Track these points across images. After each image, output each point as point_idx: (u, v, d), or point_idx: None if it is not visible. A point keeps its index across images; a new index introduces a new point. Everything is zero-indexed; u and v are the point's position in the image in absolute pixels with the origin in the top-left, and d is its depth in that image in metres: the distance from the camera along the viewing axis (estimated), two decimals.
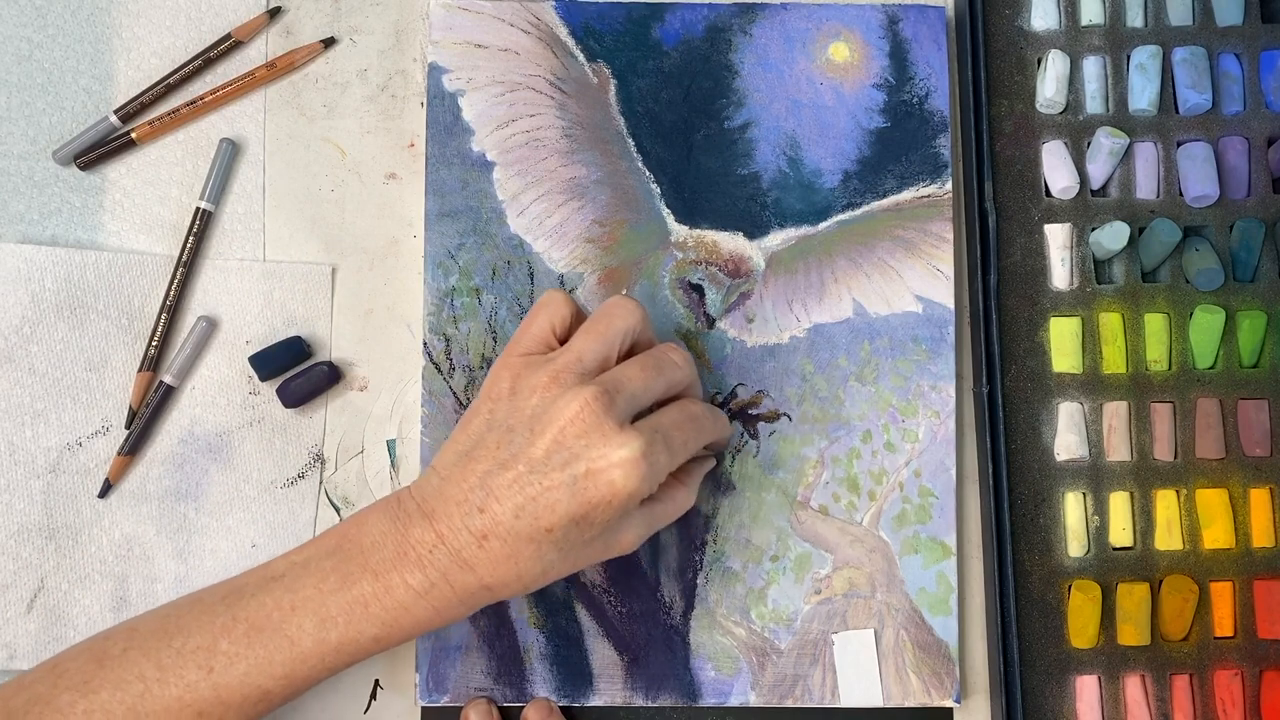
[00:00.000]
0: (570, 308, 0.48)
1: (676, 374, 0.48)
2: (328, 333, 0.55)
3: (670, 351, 0.48)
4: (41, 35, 0.56)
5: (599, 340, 0.46)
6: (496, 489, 0.44)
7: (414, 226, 0.56)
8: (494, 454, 0.45)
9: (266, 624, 0.44)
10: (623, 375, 0.46)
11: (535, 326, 0.48)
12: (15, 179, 0.56)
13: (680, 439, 0.47)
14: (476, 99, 0.55)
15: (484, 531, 0.44)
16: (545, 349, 0.47)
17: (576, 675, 0.53)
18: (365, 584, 0.44)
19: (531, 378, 0.46)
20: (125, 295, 0.55)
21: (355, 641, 0.45)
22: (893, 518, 0.54)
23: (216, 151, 0.56)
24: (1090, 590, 0.52)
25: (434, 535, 0.44)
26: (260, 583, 0.46)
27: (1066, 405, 0.54)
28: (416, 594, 0.44)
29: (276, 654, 0.44)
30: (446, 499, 0.45)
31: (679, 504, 0.49)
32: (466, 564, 0.44)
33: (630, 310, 0.47)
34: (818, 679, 0.53)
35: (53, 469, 0.54)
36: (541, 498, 0.44)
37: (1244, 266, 0.55)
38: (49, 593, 0.53)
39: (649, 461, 0.44)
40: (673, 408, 0.48)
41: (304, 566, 0.45)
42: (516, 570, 0.45)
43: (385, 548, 0.45)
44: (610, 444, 0.44)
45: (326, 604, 0.44)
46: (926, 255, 0.55)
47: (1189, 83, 0.55)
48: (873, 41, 0.56)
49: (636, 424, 0.45)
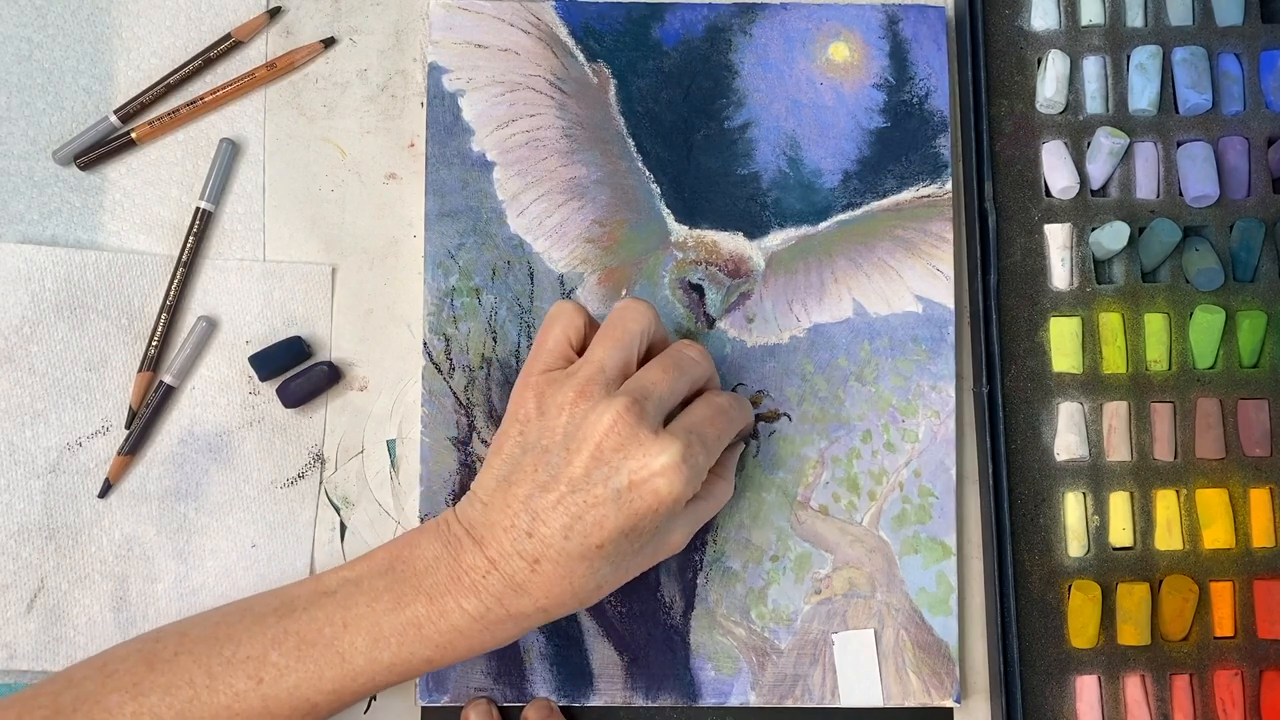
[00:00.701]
0: (583, 316, 0.48)
1: (697, 370, 0.48)
2: (328, 333, 0.55)
3: (687, 348, 0.48)
4: (41, 35, 0.56)
5: (618, 346, 0.46)
6: (542, 511, 0.44)
7: (414, 226, 0.56)
8: (533, 476, 0.44)
9: (319, 639, 0.44)
10: (648, 380, 0.46)
11: (551, 340, 0.47)
12: (15, 179, 0.56)
13: (714, 434, 0.46)
14: (476, 99, 0.55)
15: (535, 555, 0.44)
16: (564, 362, 0.47)
17: (576, 675, 0.53)
18: (420, 606, 0.44)
19: (557, 394, 0.45)
20: (125, 295, 0.55)
21: (407, 662, 0.45)
22: (893, 518, 0.54)
23: (216, 151, 0.56)
24: (1090, 590, 0.52)
25: (485, 561, 0.44)
26: (312, 596, 0.45)
27: (1066, 405, 0.54)
28: (471, 618, 0.44)
29: (327, 669, 0.44)
30: (493, 525, 0.44)
31: (719, 496, 0.49)
32: (521, 588, 0.44)
33: (642, 311, 0.47)
34: (818, 679, 0.53)
35: (53, 469, 0.54)
36: (588, 515, 0.43)
37: (1244, 266, 0.55)
38: (49, 593, 0.53)
39: (689, 464, 0.44)
40: (700, 404, 0.48)
41: (356, 584, 0.45)
42: (571, 589, 0.44)
43: (439, 571, 0.45)
44: (649, 453, 0.44)
45: (380, 624, 0.44)
46: (926, 255, 0.55)
47: (1189, 83, 0.55)
48: (873, 41, 0.56)
49: (670, 428, 0.45)
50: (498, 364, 0.54)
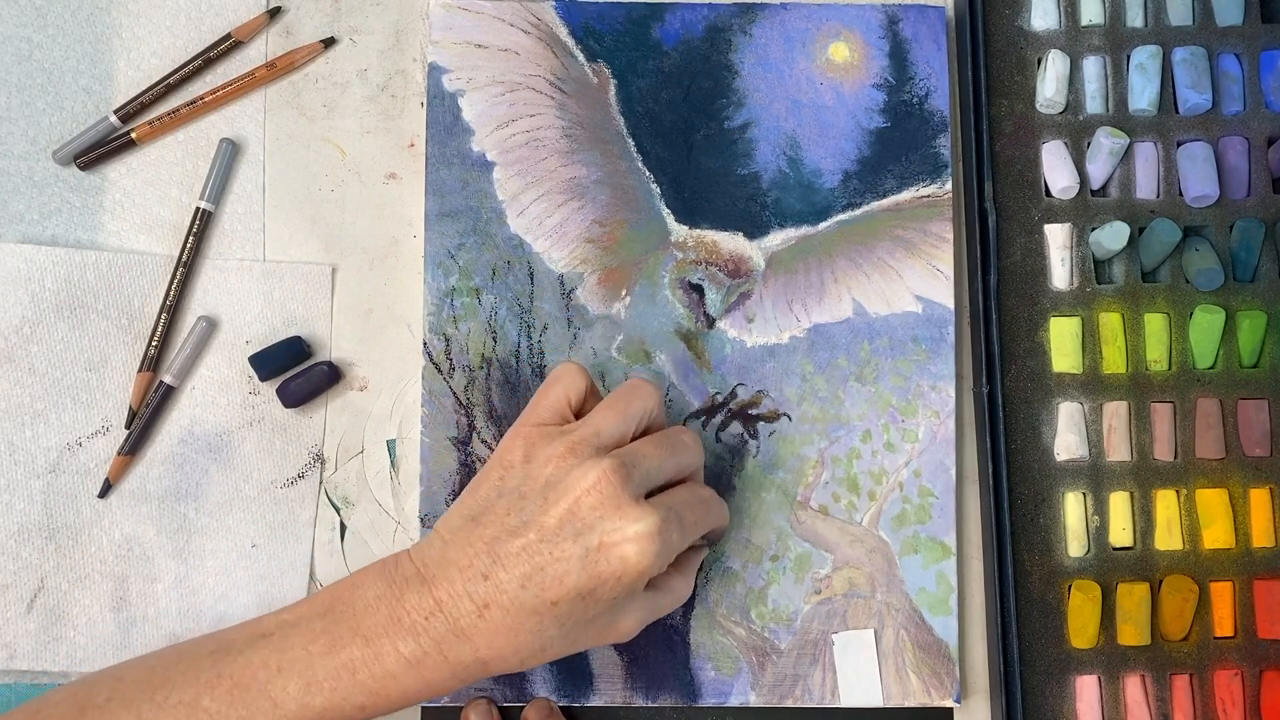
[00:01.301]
0: (585, 380, 0.48)
1: (688, 455, 0.48)
2: (328, 333, 0.55)
3: (682, 434, 0.48)
4: (41, 35, 0.56)
5: (618, 417, 0.46)
6: (504, 556, 0.43)
7: (414, 226, 0.56)
8: (503, 520, 0.44)
9: (252, 683, 0.43)
10: (639, 451, 0.46)
11: (550, 398, 0.47)
12: (15, 179, 0.56)
13: (692, 519, 0.46)
14: (476, 99, 0.55)
15: (486, 600, 0.43)
16: (560, 420, 0.47)
17: (576, 675, 0.53)
18: (355, 649, 0.43)
19: (547, 447, 0.45)
20: (125, 295, 0.55)
21: (339, 709, 0.43)
22: (893, 518, 0.54)
23: (216, 151, 0.56)
24: (1090, 590, 0.52)
25: (432, 601, 0.43)
26: (248, 639, 0.44)
27: (1066, 405, 0.54)
28: (407, 663, 0.43)
29: (259, 715, 0.43)
30: (449, 564, 0.44)
31: (678, 594, 0.48)
32: (464, 634, 0.43)
33: (650, 393, 0.47)
34: (818, 679, 0.53)
35: (53, 469, 0.54)
36: (550, 568, 0.43)
37: (1244, 266, 0.55)
38: (49, 593, 0.53)
39: (663, 538, 0.44)
40: (683, 489, 0.47)
41: (294, 626, 0.44)
42: (515, 644, 0.43)
43: (378, 612, 0.43)
44: (626, 518, 0.43)
45: (314, 667, 0.43)
46: (926, 255, 0.55)
47: (1189, 83, 0.55)
48: (873, 41, 0.56)
49: (651, 500, 0.45)
50: (498, 364, 0.54)
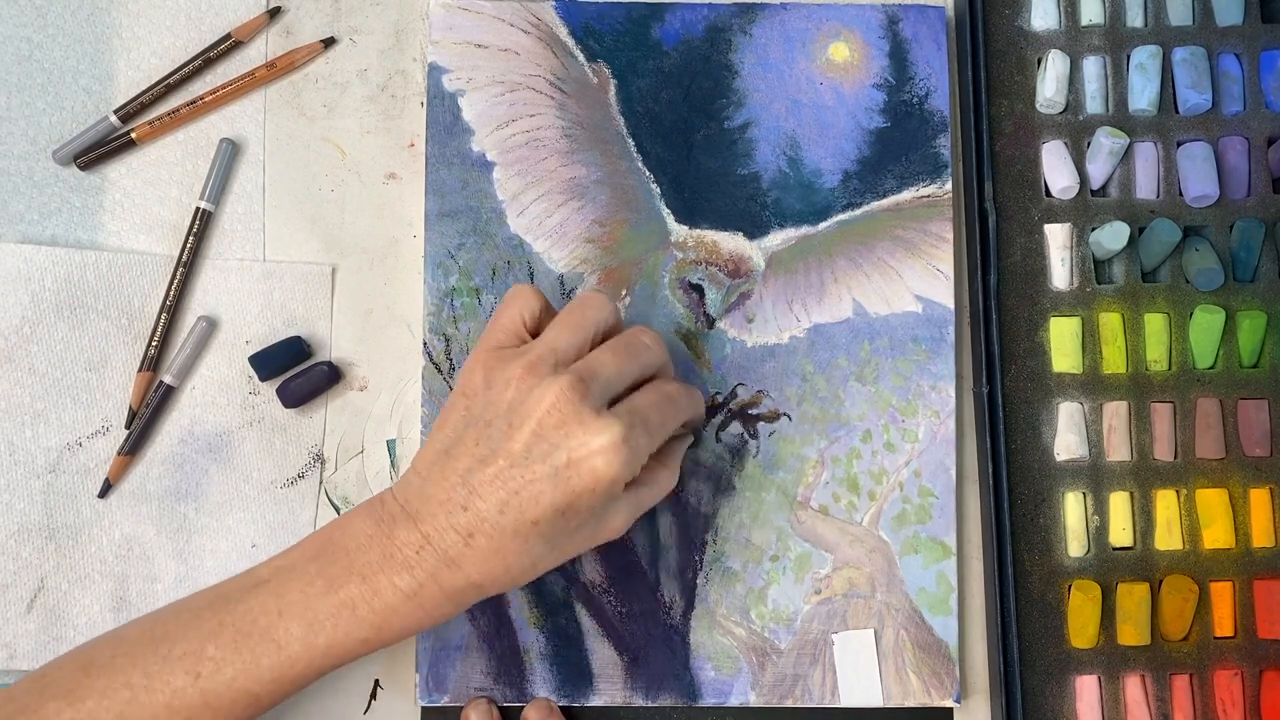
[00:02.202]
0: (540, 300, 0.48)
1: (648, 356, 0.48)
2: (328, 333, 0.55)
3: (641, 334, 0.48)
4: (41, 35, 0.56)
5: (573, 330, 0.46)
6: (479, 486, 0.44)
7: (414, 226, 0.56)
8: (473, 450, 0.44)
9: (253, 629, 0.44)
10: (596, 361, 0.46)
11: (505, 319, 0.48)
12: (15, 179, 0.56)
13: (658, 419, 0.46)
14: (476, 99, 0.55)
15: (470, 529, 0.44)
16: (516, 341, 0.47)
17: (576, 675, 0.53)
18: (352, 587, 0.44)
19: (505, 370, 0.45)
20: (125, 295, 0.55)
21: (343, 644, 0.44)
22: (893, 518, 0.54)
23: (216, 151, 0.56)
24: (1090, 590, 0.52)
25: (419, 536, 0.44)
26: (246, 588, 0.45)
27: (1066, 405, 0.54)
28: (405, 595, 0.44)
29: (264, 658, 0.44)
30: (429, 499, 0.45)
31: (662, 485, 0.49)
32: (454, 563, 0.44)
33: (602, 302, 0.48)
34: (818, 679, 0.53)
35: (53, 469, 0.54)
36: (525, 491, 0.44)
37: (1244, 266, 0.55)
38: (49, 593, 0.53)
39: (629, 446, 0.44)
40: (648, 389, 0.48)
41: (289, 571, 0.45)
42: (504, 565, 0.44)
43: (371, 550, 0.45)
44: (589, 431, 0.44)
45: (313, 608, 0.44)
46: (926, 255, 0.55)
47: (1189, 83, 0.55)
48: (873, 41, 0.56)
49: (613, 409, 0.45)
50: None
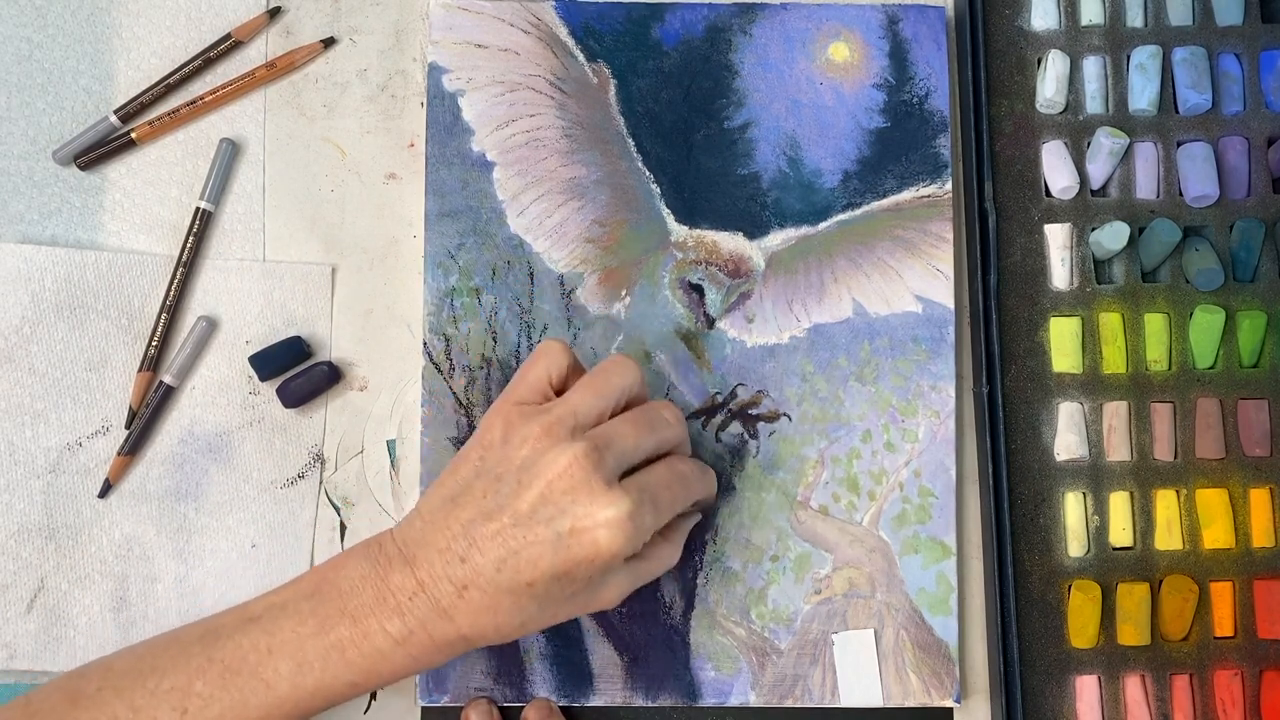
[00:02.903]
0: (568, 358, 0.48)
1: (668, 432, 0.47)
2: (328, 333, 0.55)
3: (663, 409, 0.48)
4: (41, 35, 0.56)
5: (596, 396, 0.46)
6: (479, 539, 0.44)
7: (414, 226, 0.56)
8: (479, 502, 0.44)
9: (243, 666, 0.44)
10: (614, 431, 0.45)
11: (532, 375, 0.47)
12: (15, 179, 0.56)
13: (667, 499, 0.46)
14: (476, 99, 0.55)
15: (465, 582, 0.44)
16: (541, 399, 0.47)
17: (576, 675, 0.53)
18: (343, 629, 0.44)
19: (524, 427, 0.45)
20: (125, 295, 0.55)
21: (331, 687, 0.44)
22: (893, 518, 0.54)
23: (216, 151, 0.56)
24: (1090, 590, 0.52)
25: (414, 582, 0.44)
26: (237, 624, 0.45)
27: (1066, 405, 0.54)
28: (394, 641, 0.44)
29: (252, 697, 0.44)
30: (428, 545, 0.44)
31: (663, 561, 0.49)
32: (445, 613, 0.44)
33: (629, 369, 0.47)
34: (818, 679, 0.53)
35: (53, 469, 0.54)
36: (524, 552, 0.43)
37: (1244, 266, 0.55)
38: (49, 593, 0.53)
39: (635, 523, 0.44)
40: (661, 466, 0.47)
41: (282, 609, 0.45)
42: (495, 622, 0.44)
43: (364, 593, 0.44)
44: (597, 503, 0.43)
45: (304, 648, 0.44)
46: (926, 255, 0.55)
47: (1189, 83, 0.55)
48: (873, 41, 0.56)
49: (624, 483, 0.45)
50: (498, 364, 0.54)
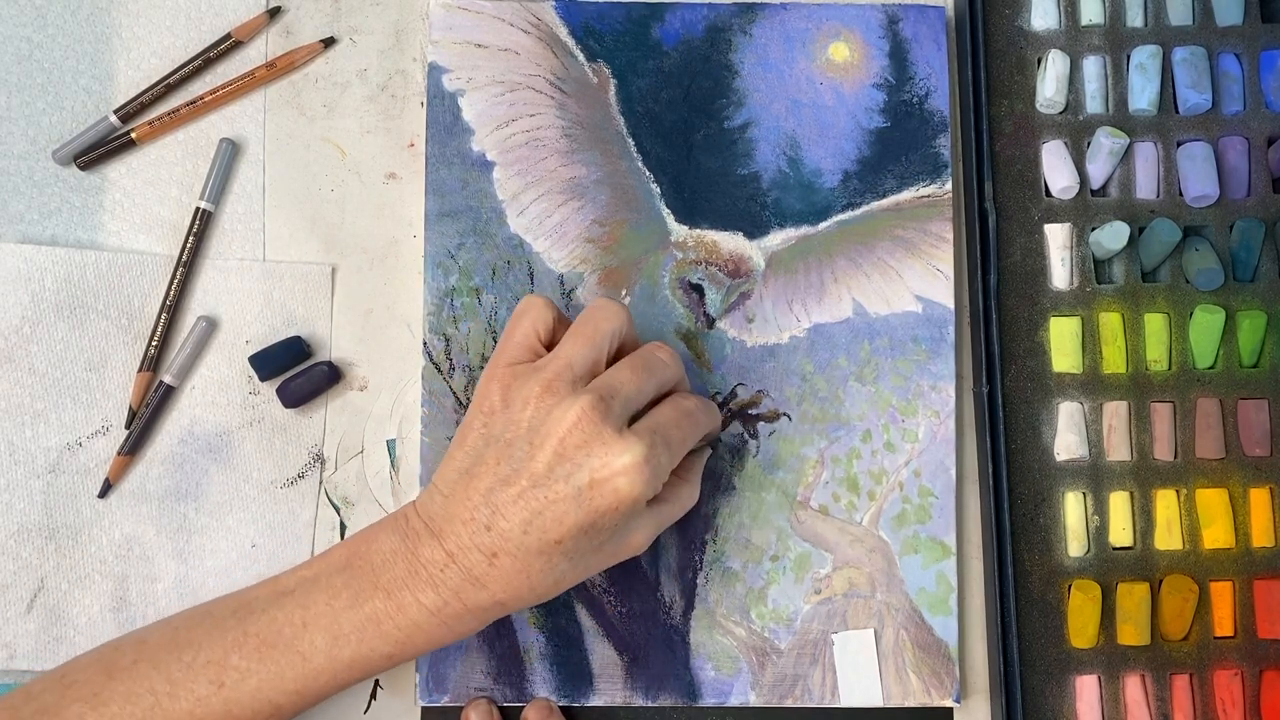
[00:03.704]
0: (552, 311, 0.48)
1: (666, 372, 0.48)
2: (328, 333, 0.55)
3: (658, 350, 0.48)
4: (41, 35, 0.56)
5: (587, 344, 0.46)
6: (502, 506, 0.44)
7: (414, 226, 0.56)
8: (495, 470, 0.44)
9: (278, 639, 0.44)
10: (615, 379, 0.46)
11: (519, 334, 0.47)
12: (15, 179, 0.56)
13: (678, 437, 0.46)
14: (476, 99, 0.55)
15: (494, 549, 0.44)
16: (531, 356, 0.47)
17: (576, 675, 0.53)
18: (377, 602, 0.44)
19: (523, 388, 0.45)
20: (125, 295, 0.55)
21: (367, 658, 0.45)
22: (893, 518, 0.54)
23: (216, 151, 0.56)
24: (1090, 590, 0.52)
25: (444, 554, 0.44)
26: (271, 597, 0.45)
27: (1066, 405, 0.54)
28: (429, 612, 0.44)
29: (288, 669, 0.44)
30: (452, 518, 0.44)
31: (684, 501, 0.49)
32: (478, 581, 0.44)
33: (615, 312, 0.47)
34: (818, 679, 0.53)
35: (53, 469, 0.54)
36: (548, 511, 0.43)
37: (1244, 266, 0.55)
38: (49, 593, 0.53)
39: (651, 465, 0.44)
40: (666, 405, 0.48)
41: (314, 582, 0.45)
42: (529, 583, 0.44)
43: (396, 566, 0.45)
44: (612, 451, 0.43)
45: (339, 621, 0.44)
46: (926, 255, 0.55)
47: (1189, 83, 0.55)
48: (873, 41, 0.56)
49: (634, 427, 0.45)
50: None
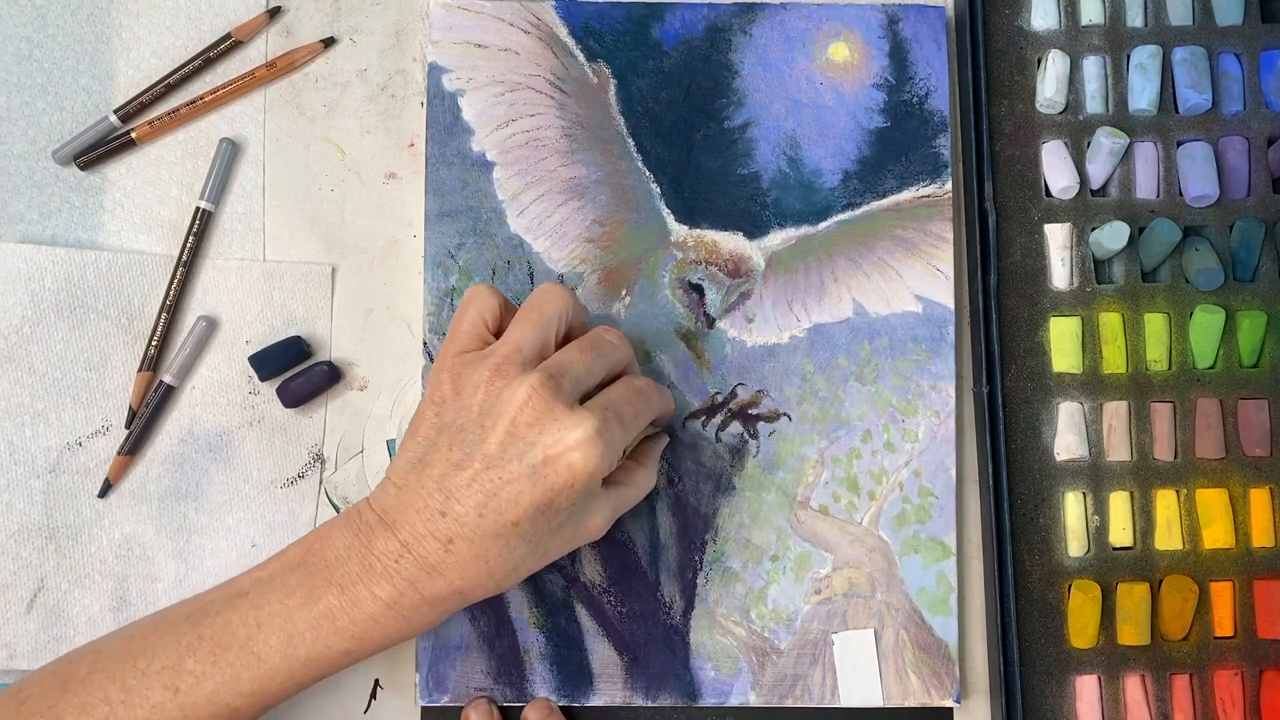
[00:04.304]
0: (498, 298, 0.48)
1: (615, 354, 0.48)
2: (328, 333, 0.55)
3: (605, 333, 0.48)
4: (41, 35, 0.56)
5: (534, 327, 0.46)
6: (456, 490, 0.44)
7: (414, 226, 0.56)
8: (447, 455, 0.44)
9: (233, 641, 0.44)
10: (564, 359, 0.46)
11: (466, 322, 0.47)
12: (15, 179, 0.56)
13: (630, 413, 0.46)
14: (476, 99, 0.55)
15: (449, 535, 0.44)
16: (480, 344, 0.47)
17: (576, 675, 0.53)
18: (331, 598, 0.44)
19: (473, 374, 0.45)
20: (125, 295, 0.55)
21: (324, 656, 0.44)
22: (893, 518, 0.54)
23: (216, 151, 0.56)
24: (1090, 590, 0.52)
25: (399, 545, 0.44)
26: (225, 600, 0.45)
27: (1066, 405, 0.54)
28: (385, 605, 0.44)
29: (244, 671, 0.44)
30: (406, 507, 0.44)
31: (641, 485, 0.49)
32: (435, 570, 0.44)
33: (559, 294, 0.47)
34: (818, 679, 0.53)
35: (53, 469, 0.54)
36: (503, 491, 0.43)
37: (1244, 266, 0.55)
38: (49, 593, 0.53)
39: (605, 439, 0.44)
40: (618, 385, 0.48)
41: (268, 583, 0.45)
42: (488, 569, 0.44)
43: (350, 561, 0.44)
44: (564, 427, 0.43)
45: (293, 619, 0.44)
46: (926, 255, 0.55)
47: (1189, 82, 0.55)
48: (873, 41, 0.56)
49: (586, 404, 0.45)
50: None
